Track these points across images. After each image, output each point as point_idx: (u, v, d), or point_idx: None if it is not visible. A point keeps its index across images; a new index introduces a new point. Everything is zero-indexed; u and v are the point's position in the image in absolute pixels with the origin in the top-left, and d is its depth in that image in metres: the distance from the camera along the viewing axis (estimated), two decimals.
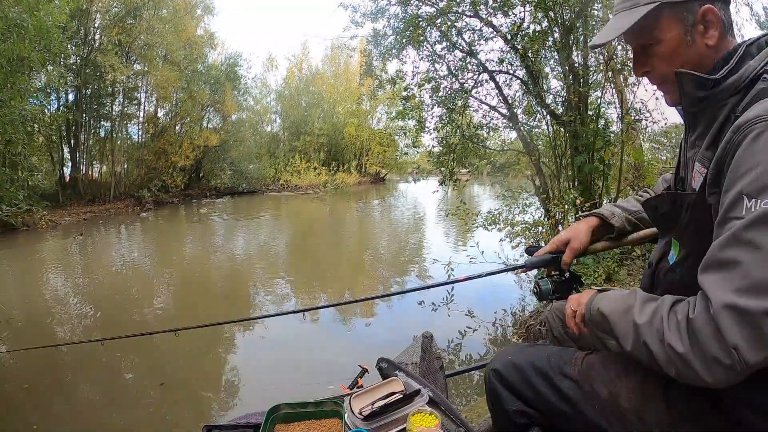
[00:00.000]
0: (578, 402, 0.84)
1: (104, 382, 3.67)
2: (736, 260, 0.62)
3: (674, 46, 0.78)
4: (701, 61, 0.78)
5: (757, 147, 0.63)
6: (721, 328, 0.60)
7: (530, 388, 0.90)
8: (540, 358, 0.92)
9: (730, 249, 0.63)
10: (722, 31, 0.76)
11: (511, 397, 0.92)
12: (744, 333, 0.59)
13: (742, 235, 0.62)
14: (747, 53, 0.75)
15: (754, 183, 0.62)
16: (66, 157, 15.39)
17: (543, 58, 5.31)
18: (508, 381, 0.93)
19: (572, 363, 0.89)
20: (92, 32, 14.72)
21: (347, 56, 23.66)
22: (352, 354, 4.01)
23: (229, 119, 20.96)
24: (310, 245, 10.46)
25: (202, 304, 5.85)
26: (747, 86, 0.73)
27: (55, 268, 7.83)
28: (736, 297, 0.60)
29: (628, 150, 5.22)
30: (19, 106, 8.53)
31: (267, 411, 1.13)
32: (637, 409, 0.78)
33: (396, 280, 6.74)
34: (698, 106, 0.80)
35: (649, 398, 0.78)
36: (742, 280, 0.60)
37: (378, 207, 18.72)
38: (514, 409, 0.91)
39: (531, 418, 0.90)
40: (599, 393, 0.83)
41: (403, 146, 8.26)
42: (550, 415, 0.88)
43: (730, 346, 0.59)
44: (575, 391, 0.85)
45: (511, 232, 5.10)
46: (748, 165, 0.63)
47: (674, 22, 0.77)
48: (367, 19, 5.52)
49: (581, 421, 0.84)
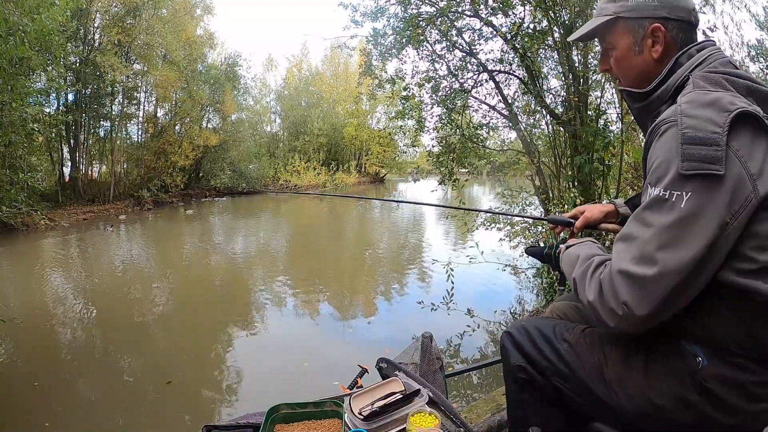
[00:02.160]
0: (572, 363, 0.95)
1: (104, 382, 3.67)
2: (633, 235, 0.78)
3: (624, 53, 0.94)
4: (646, 69, 0.92)
5: (658, 145, 0.77)
6: (615, 288, 0.77)
7: (534, 348, 1.01)
8: (547, 325, 1.04)
9: (631, 225, 0.80)
10: (668, 48, 0.89)
11: (517, 354, 1.03)
12: (631, 292, 0.75)
13: (639, 214, 0.78)
14: (677, 64, 0.87)
15: (654, 174, 0.76)
16: (66, 157, 15.37)
17: (543, 57, 5.30)
18: (517, 341, 1.04)
19: (572, 331, 1.00)
20: (92, 32, 14.70)
21: (347, 56, 23.67)
22: (352, 354, 4.01)
23: (228, 119, 20.92)
24: (309, 245, 10.46)
25: (202, 303, 5.85)
26: (674, 94, 0.85)
27: (55, 268, 7.82)
28: (629, 264, 0.76)
29: (628, 150, 5.22)
30: (20, 108, 8.51)
31: (267, 411, 1.13)
32: (619, 378, 0.88)
33: (396, 279, 6.74)
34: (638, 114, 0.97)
35: (631, 369, 0.87)
36: (635, 251, 0.76)
37: (378, 207, 18.72)
38: (517, 364, 1.02)
39: (530, 375, 1.00)
40: (590, 359, 0.93)
41: (403, 146, 8.26)
42: (550, 373, 0.98)
43: (620, 302, 0.75)
44: (570, 354, 0.96)
45: (511, 231, 5.09)
46: (653, 159, 0.78)
47: (626, 33, 0.92)
48: (366, 19, 5.51)
49: (575, 380, 0.94)
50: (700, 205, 0.71)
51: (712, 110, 0.73)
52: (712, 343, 0.78)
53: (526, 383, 1.01)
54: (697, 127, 0.72)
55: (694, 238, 0.71)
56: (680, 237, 0.72)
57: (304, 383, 3.51)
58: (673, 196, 0.73)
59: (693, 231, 0.71)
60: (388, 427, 1.13)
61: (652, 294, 0.73)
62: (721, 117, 0.71)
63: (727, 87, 0.78)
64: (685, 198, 0.71)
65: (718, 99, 0.74)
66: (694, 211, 0.71)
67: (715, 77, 0.79)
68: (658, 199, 0.74)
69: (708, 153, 0.70)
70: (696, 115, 0.73)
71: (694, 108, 0.74)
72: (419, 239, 10.60)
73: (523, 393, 1.03)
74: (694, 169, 0.70)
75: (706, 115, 0.72)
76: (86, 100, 15.03)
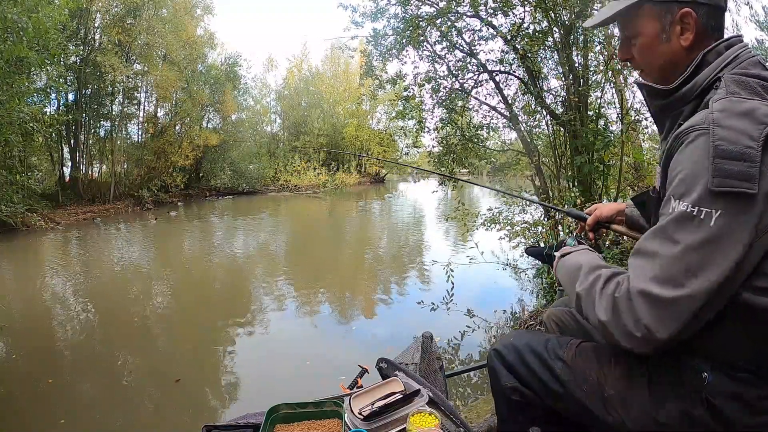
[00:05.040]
0: (568, 383, 0.90)
1: (103, 382, 3.67)
2: (656, 252, 0.72)
3: (650, 40, 0.85)
4: (674, 58, 0.83)
5: (685, 153, 0.71)
6: (635, 309, 0.71)
7: (525, 367, 0.96)
8: (538, 342, 0.98)
9: (653, 241, 0.74)
10: (699, 35, 0.81)
11: (508, 374, 0.98)
12: (653, 315, 0.70)
13: (663, 229, 0.72)
14: (704, 62, 0.80)
15: (680, 186, 0.71)
16: (66, 157, 15.38)
17: (543, 58, 5.30)
18: (506, 360, 0.99)
19: (567, 347, 0.95)
20: (92, 32, 14.71)
21: (347, 56, 23.62)
22: (352, 354, 4.01)
23: (228, 119, 20.94)
24: (309, 245, 10.46)
25: (202, 302, 5.85)
26: (701, 94, 0.79)
27: (55, 268, 7.82)
28: (651, 285, 0.70)
29: (628, 150, 5.22)
30: (17, 107, 8.50)
31: (267, 411, 1.13)
32: (621, 396, 0.84)
33: (396, 280, 6.74)
34: (657, 112, 0.89)
35: (633, 387, 0.83)
36: (658, 271, 0.70)
37: (378, 207, 18.73)
38: (509, 386, 0.97)
39: (524, 396, 0.96)
40: (588, 377, 0.88)
41: (403, 146, 8.26)
42: (543, 394, 0.93)
43: (642, 325, 0.70)
44: (566, 372, 0.91)
45: (511, 231, 5.09)
46: (678, 169, 0.72)
47: (653, 18, 0.83)
48: (366, 19, 5.51)
49: (571, 401, 0.90)
50: (730, 226, 0.66)
51: (747, 122, 0.67)
52: (719, 358, 0.76)
53: (517, 405, 0.97)
54: (731, 140, 0.66)
55: (722, 259, 0.66)
56: (708, 259, 0.67)
57: (304, 383, 3.51)
58: (701, 213, 0.67)
59: (721, 252, 0.66)
60: (388, 427, 1.13)
61: (676, 317, 0.69)
62: (756, 130, 0.66)
63: (763, 95, 0.72)
64: (714, 216, 0.67)
65: (753, 109, 0.69)
66: (723, 232, 0.66)
67: (750, 83, 0.73)
68: (685, 216, 0.69)
69: (741, 169, 0.65)
70: (730, 126, 0.67)
71: (728, 117, 0.68)
72: (419, 239, 10.60)
73: (517, 414, 0.99)
74: (726, 186, 0.65)
75: (741, 127, 0.67)
76: (86, 100, 15.03)
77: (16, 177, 9.51)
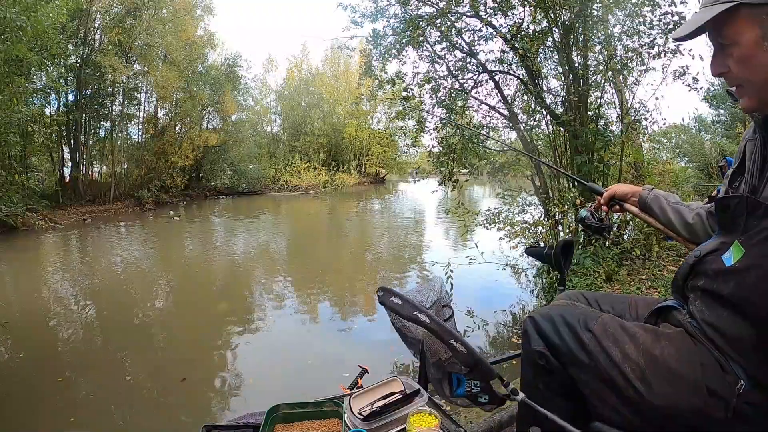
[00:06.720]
0: (593, 353, 0.93)
1: (103, 382, 3.67)
2: None
3: (750, 49, 0.73)
4: None
5: None
6: None
7: (557, 335, 0.99)
8: (572, 314, 1.02)
9: None
10: None
11: (538, 339, 1.01)
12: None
13: None
14: None
15: None
16: (66, 157, 15.38)
17: (543, 58, 5.31)
18: (539, 326, 1.02)
19: (596, 320, 0.98)
20: (92, 32, 14.72)
21: (347, 57, 23.65)
22: (352, 354, 4.01)
23: (228, 119, 20.94)
24: (310, 245, 10.46)
25: (202, 302, 5.85)
26: None
27: (54, 268, 7.83)
28: None
29: (628, 150, 5.22)
30: (16, 108, 8.49)
31: (267, 411, 1.13)
32: (642, 374, 0.86)
33: (396, 279, 6.74)
34: None
35: (658, 367, 0.85)
36: None
37: (378, 207, 18.74)
38: (537, 349, 1.00)
39: (549, 363, 0.99)
40: (612, 351, 0.91)
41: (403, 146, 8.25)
42: (570, 361, 0.96)
43: None
44: (593, 343, 0.93)
45: (511, 231, 5.09)
46: None
47: (751, 24, 0.72)
48: (366, 20, 5.52)
49: (595, 371, 0.92)
50: None
51: None
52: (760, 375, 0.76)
53: (542, 370, 1.00)
54: None
55: None
56: None
57: (303, 383, 3.51)
58: None
59: None
60: (388, 427, 1.13)
61: None
62: None
63: None
64: None
65: None
66: None
67: None
68: None
69: None
70: None
71: None
72: (419, 239, 10.60)
73: (537, 380, 1.02)
74: None
75: None
76: (86, 101, 15.04)
77: (15, 177, 9.51)
